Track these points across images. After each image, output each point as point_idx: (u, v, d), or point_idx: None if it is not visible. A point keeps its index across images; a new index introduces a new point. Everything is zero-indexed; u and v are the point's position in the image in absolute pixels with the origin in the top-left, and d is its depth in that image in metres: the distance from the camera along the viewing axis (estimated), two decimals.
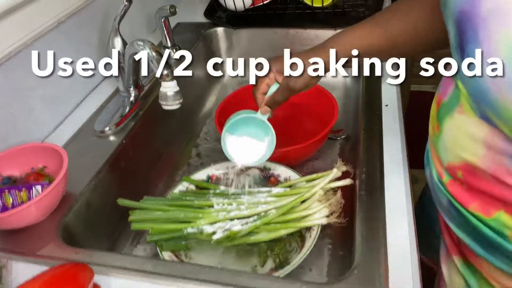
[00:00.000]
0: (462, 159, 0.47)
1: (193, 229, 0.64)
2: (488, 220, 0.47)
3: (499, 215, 0.45)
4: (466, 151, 0.46)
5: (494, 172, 0.44)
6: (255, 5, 1.11)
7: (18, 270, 0.56)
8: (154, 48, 0.69)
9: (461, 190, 0.49)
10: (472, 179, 0.47)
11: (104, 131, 0.78)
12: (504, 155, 0.42)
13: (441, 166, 0.52)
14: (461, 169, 0.48)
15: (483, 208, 0.47)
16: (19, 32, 0.71)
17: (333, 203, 0.63)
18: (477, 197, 0.47)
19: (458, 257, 0.58)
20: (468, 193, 0.48)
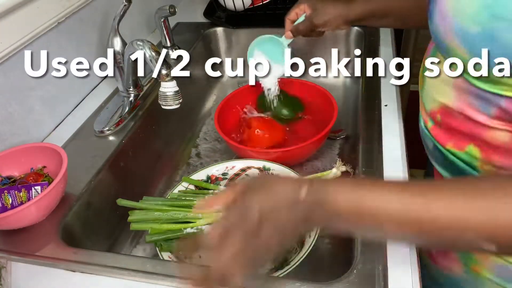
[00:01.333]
0: (440, 103, 0.54)
1: (193, 229, 0.64)
2: (461, 154, 0.54)
3: (469, 148, 0.53)
4: (441, 95, 0.54)
5: (462, 110, 0.51)
6: (254, 5, 1.11)
7: (18, 270, 0.56)
8: (154, 48, 0.69)
9: (440, 131, 0.56)
10: (447, 120, 0.54)
11: (103, 131, 0.78)
12: (468, 93, 0.49)
13: (426, 114, 0.59)
14: (439, 113, 0.55)
15: (456, 144, 0.54)
16: (19, 32, 0.71)
17: None
18: (452, 135, 0.54)
19: None
20: (446, 134, 0.56)
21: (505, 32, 0.40)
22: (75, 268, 0.55)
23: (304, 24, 0.79)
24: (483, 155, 0.52)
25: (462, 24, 0.43)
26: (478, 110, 0.49)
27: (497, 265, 0.58)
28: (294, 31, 0.80)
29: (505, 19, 0.39)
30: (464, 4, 0.42)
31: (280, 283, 0.51)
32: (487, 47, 0.42)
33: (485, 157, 0.52)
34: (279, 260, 0.63)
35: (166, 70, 0.67)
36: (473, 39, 0.43)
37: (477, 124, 0.50)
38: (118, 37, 0.80)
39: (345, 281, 0.50)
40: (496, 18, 0.40)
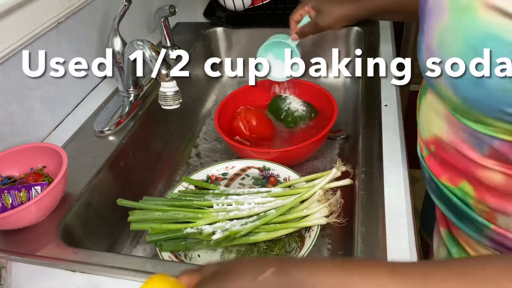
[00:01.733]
0: (433, 134, 0.53)
1: (193, 229, 0.64)
2: (455, 190, 0.52)
3: (464, 185, 0.51)
4: (435, 126, 0.52)
5: (455, 145, 0.49)
6: (254, 5, 1.11)
7: (18, 270, 0.56)
8: (154, 48, 0.69)
9: (435, 163, 0.55)
10: (441, 152, 0.52)
11: (103, 131, 0.78)
12: (461, 129, 0.47)
13: (422, 141, 0.58)
14: (433, 144, 0.53)
15: (451, 179, 0.53)
16: (19, 32, 0.71)
17: (333, 203, 0.63)
18: (446, 169, 0.53)
19: (444, 229, 0.63)
20: (440, 166, 0.54)
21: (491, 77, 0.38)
22: (75, 268, 0.55)
23: (309, 27, 0.78)
24: (476, 194, 0.50)
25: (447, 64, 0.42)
26: (470, 147, 0.47)
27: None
28: (300, 33, 0.80)
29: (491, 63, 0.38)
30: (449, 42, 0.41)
31: None
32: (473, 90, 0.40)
33: (478, 197, 0.50)
34: None
35: (166, 70, 0.67)
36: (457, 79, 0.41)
37: (470, 162, 0.48)
38: (118, 37, 0.80)
39: None
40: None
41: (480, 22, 0.37)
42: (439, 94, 0.47)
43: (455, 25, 0.40)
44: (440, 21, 0.42)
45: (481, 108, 0.41)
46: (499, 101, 0.39)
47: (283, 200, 0.66)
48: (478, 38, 0.38)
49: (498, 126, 0.42)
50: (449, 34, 0.41)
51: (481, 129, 0.44)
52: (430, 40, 0.45)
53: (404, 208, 0.59)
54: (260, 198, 0.67)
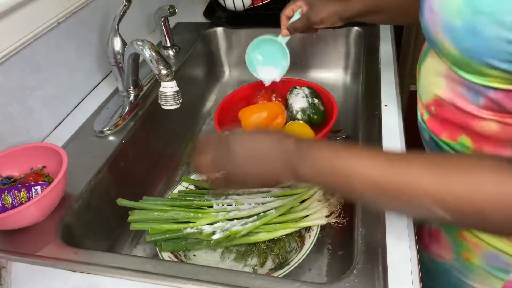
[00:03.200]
0: (433, 94, 0.56)
1: (193, 229, 0.64)
2: (455, 144, 0.56)
3: (462, 139, 0.55)
4: (434, 86, 0.55)
5: (453, 101, 0.53)
6: (254, 5, 1.11)
7: (18, 270, 0.56)
8: (154, 48, 0.69)
9: (435, 123, 0.58)
10: (441, 111, 0.56)
11: (103, 131, 0.78)
12: (458, 84, 0.51)
13: (422, 106, 0.61)
14: (433, 104, 0.57)
15: (450, 135, 0.56)
16: (19, 32, 0.71)
17: (333, 203, 0.63)
18: (446, 127, 0.56)
19: None
20: (440, 125, 0.58)
21: (485, 26, 0.41)
22: (75, 268, 0.55)
23: (300, 22, 0.79)
24: (474, 145, 0.54)
25: (447, 18, 0.46)
26: (467, 101, 0.51)
27: (488, 254, 0.59)
28: (291, 29, 0.81)
29: (484, 13, 0.41)
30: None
31: (280, 283, 0.51)
32: (470, 41, 0.44)
33: (476, 147, 0.53)
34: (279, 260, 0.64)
35: (166, 70, 0.67)
36: (457, 33, 0.45)
37: (467, 115, 0.52)
38: (118, 37, 0.80)
39: (345, 281, 0.50)
40: (476, 12, 0.42)
41: None
42: (440, 49, 0.50)
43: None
44: None
45: (477, 58, 0.44)
46: (495, 49, 0.42)
47: (283, 200, 0.66)
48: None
49: (493, 75, 0.45)
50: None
51: (478, 80, 0.47)
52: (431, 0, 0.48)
53: None
54: (260, 198, 0.67)
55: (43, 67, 0.78)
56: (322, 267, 0.66)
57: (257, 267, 0.64)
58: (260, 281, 0.51)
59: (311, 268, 0.66)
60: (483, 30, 0.42)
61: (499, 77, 0.45)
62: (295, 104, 0.88)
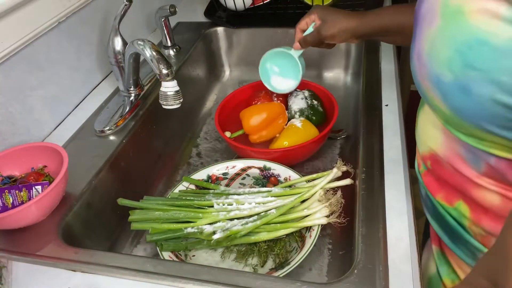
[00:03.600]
0: (429, 148, 0.51)
1: (193, 229, 0.64)
2: (451, 209, 0.51)
3: (459, 205, 0.50)
4: (431, 139, 0.51)
5: (451, 161, 0.48)
6: (255, 5, 1.11)
7: (18, 270, 0.56)
8: (154, 47, 0.69)
9: (431, 180, 0.54)
10: (437, 168, 0.51)
11: (104, 131, 0.78)
12: (457, 143, 0.46)
13: (419, 156, 0.56)
14: (429, 159, 0.52)
15: (447, 198, 0.51)
16: (20, 32, 0.71)
17: (333, 203, 0.63)
18: (443, 187, 0.52)
19: (436, 247, 0.63)
20: (437, 183, 0.53)
21: (477, 84, 0.36)
22: (75, 267, 0.55)
23: (312, 36, 0.76)
24: (472, 215, 0.49)
25: (435, 70, 0.41)
26: (466, 164, 0.46)
27: None
28: (303, 42, 0.78)
29: (477, 69, 0.36)
30: (439, 47, 0.40)
31: (280, 283, 0.51)
32: (461, 99, 0.39)
33: (474, 218, 0.49)
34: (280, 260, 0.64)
35: (167, 69, 0.67)
36: (447, 89, 0.40)
37: (466, 179, 0.47)
38: (118, 37, 0.80)
39: (345, 281, 0.50)
40: (468, 67, 0.37)
41: (469, 26, 0.37)
42: (431, 105, 0.45)
43: (445, 30, 0.39)
44: (432, 27, 0.41)
45: (471, 120, 0.40)
46: (490, 113, 0.37)
47: (283, 200, 0.66)
48: (466, 43, 0.37)
49: (491, 140, 0.40)
50: (439, 39, 0.40)
51: (475, 143, 0.43)
52: (421, 46, 0.43)
53: (404, 208, 0.59)
54: (261, 198, 0.67)
55: (43, 66, 0.78)
56: (322, 267, 0.66)
57: (257, 267, 0.64)
58: (261, 281, 0.51)
59: (311, 268, 0.66)
60: (475, 88, 0.37)
61: (499, 143, 0.40)
62: (294, 105, 0.88)
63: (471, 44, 0.36)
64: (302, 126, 0.82)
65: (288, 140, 0.80)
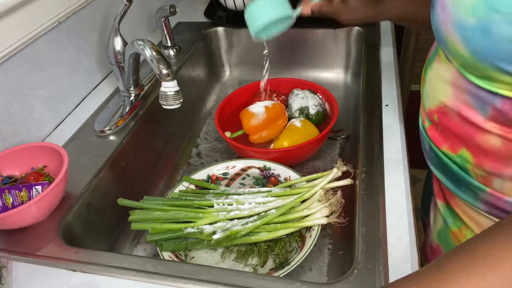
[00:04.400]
0: (437, 101, 0.55)
1: (193, 229, 0.64)
2: (455, 157, 0.56)
3: (463, 152, 0.54)
4: (440, 93, 0.54)
5: (459, 109, 0.52)
6: None
7: (19, 270, 0.56)
8: (154, 47, 0.69)
9: (436, 133, 0.58)
10: (444, 120, 0.55)
11: (104, 131, 0.78)
12: (465, 92, 0.50)
13: (424, 112, 0.60)
14: (436, 112, 0.56)
15: (451, 147, 0.56)
16: (20, 31, 0.71)
17: (333, 203, 0.63)
18: (447, 137, 0.56)
19: (441, 201, 0.67)
20: (441, 135, 0.57)
21: (499, 25, 0.40)
22: (75, 267, 0.55)
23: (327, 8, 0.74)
24: (475, 160, 0.53)
25: (460, 15, 0.44)
26: (473, 109, 0.50)
27: None
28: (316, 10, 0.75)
29: (500, 12, 0.40)
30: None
31: (280, 283, 0.51)
32: (482, 41, 0.43)
33: (477, 162, 0.53)
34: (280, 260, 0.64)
35: (167, 69, 0.67)
36: (469, 32, 0.44)
37: (471, 126, 0.51)
38: (118, 37, 0.80)
39: (345, 281, 0.50)
40: (492, 10, 0.40)
41: None
42: (450, 50, 0.48)
43: None
44: None
45: (488, 60, 0.43)
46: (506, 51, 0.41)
47: (283, 200, 0.66)
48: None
49: (503, 80, 0.44)
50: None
51: (486, 85, 0.46)
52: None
53: (404, 208, 0.59)
54: (261, 198, 0.67)
55: (43, 66, 0.78)
56: (322, 267, 0.66)
57: (257, 267, 0.64)
58: (261, 281, 0.51)
59: (311, 268, 0.66)
60: (496, 29, 0.41)
61: (508, 83, 0.44)
62: (294, 104, 0.88)
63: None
64: (302, 125, 0.82)
65: (288, 140, 0.80)
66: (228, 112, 0.91)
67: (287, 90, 0.94)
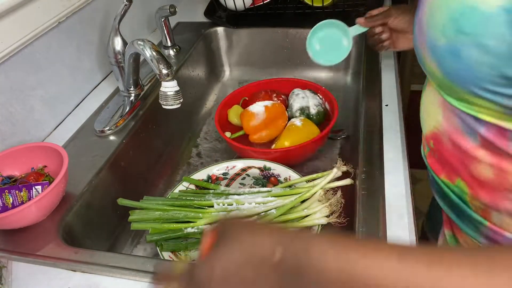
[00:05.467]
0: (432, 127, 0.54)
1: (193, 229, 0.64)
2: (453, 187, 0.54)
3: (458, 182, 0.53)
4: (432, 117, 0.53)
5: (450, 134, 0.50)
6: (255, 5, 1.11)
7: (19, 270, 0.56)
8: (154, 47, 0.69)
9: (435, 160, 0.56)
10: (438, 146, 0.54)
11: (104, 131, 0.78)
12: (455, 116, 0.48)
13: (424, 138, 0.59)
14: (432, 138, 0.55)
15: (449, 176, 0.54)
16: (20, 32, 0.71)
17: (333, 203, 0.63)
18: (445, 166, 0.54)
19: (448, 231, 0.65)
20: (439, 163, 0.56)
21: (468, 48, 0.39)
22: (75, 267, 0.55)
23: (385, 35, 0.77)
24: (470, 191, 0.52)
25: (432, 35, 0.44)
26: (464, 135, 0.48)
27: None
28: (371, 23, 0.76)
29: (467, 34, 0.39)
30: (437, 16, 0.43)
31: None
32: (452, 64, 0.42)
33: (473, 193, 0.52)
34: None
35: (167, 69, 0.67)
36: (440, 53, 0.43)
37: (464, 154, 0.49)
38: (118, 37, 0.80)
39: None
40: (459, 32, 0.40)
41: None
42: (428, 72, 0.48)
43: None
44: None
45: (461, 83, 0.42)
46: (477, 75, 0.40)
47: (283, 200, 0.66)
48: (459, 10, 0.39)
49: (480, 105, 0.43)
50: (437, 7, 0.43)
51: (467, 109, 0.45)
52: (422, 14, 0.46)
53: (405, 208, 0.59)
54: (261, 198, 0.67)
55: (43, 66, 0.78)
56: None
57: None
58: None
59: None
60: (465, 53, 0.40)
61: (486, 107, 0.43)
62: (295, 104, 0.88)
63: (462, 10, 0.39)
64: (302, 125, 0.82)
65: (289, 140, 0.80)
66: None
67: (287, 90, 0.94)
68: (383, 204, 0.59)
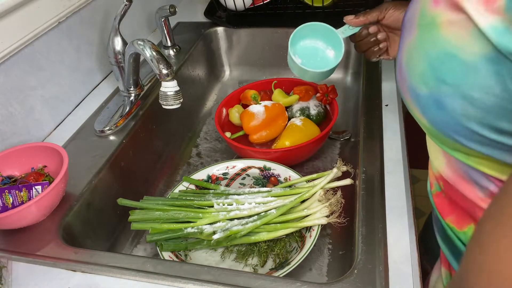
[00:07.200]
0: (437, 170, 0.49)
1: (193, 229, 0.64)
2: (460, 233, 0.49)
3: (470, 229, 0.47)
4: (436, 160, 0.48)
5: (455, 183, 0.45)
6: (255, 5, 1.11)
7: (19, 270, 0.56)
8: (154, 47, 0.68)
9: (443, 202, 0.51)
10: (449, 190, 0.48)
11: (104, 131, 0.78)
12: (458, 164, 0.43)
13: (432, 176, 0.53)
14: (441, 180, 0.49)
15: (457, 221, 0.48)
16: (20, 31, 0.71)
17: (333, 203, 0.63)
18: (455, 210, 0.49)
19: (446, 270, 0.60)
20: (449, 205, 0.50)
21: (451, 98, 0.35)
22: (75, 267, 0.55)
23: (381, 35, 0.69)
24: None
25: (413, 82, 0.39)
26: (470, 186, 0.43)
27: None
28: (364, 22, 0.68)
29: (449, 84, 0.35)
30: (415, 60, 0.39)
31: (280, 283, 0.51)
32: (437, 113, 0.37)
33: None
34: (280, 260, 0.64)
35: (167, 69, 0.67)
36: (423, 101, 0.39)
37: (473, 203, 0.44)
38: (118, 37, 0.80)
39: (345, 281, 0.50)
40: (441, 82, 0.35)
41: (440, 39, 0.35)
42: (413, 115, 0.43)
43: (420, 41, 0.38)
44: (410, 37, 0.40)
45: (449, 135, 0.38)
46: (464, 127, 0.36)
47: (283, 200, 0.66)
48: (438, 57, 0.35)
49: (477, 156, 0.39)
50: (415, 51, 0.39)
51: (463, 159, 0.41)
52: (402, 56, 0.42)
53: (404, 208, 0.59)
54: (261, 198, 0.67)
55: (43, 66, 0.78)
56: (322, 267, 0.66)
57: (257, 267, 0.64)
58: (261, 281, 0.51)
59: (311, 268, 0.66)
60: (450, 103, 0.35)
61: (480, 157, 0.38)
62: (295, 104, 0.88)
63: (442, 58, 0.35)
64: (303, 124, 0.82)
65: (290, 140, 0.80)
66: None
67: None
68: (383, 204, 0.59)
